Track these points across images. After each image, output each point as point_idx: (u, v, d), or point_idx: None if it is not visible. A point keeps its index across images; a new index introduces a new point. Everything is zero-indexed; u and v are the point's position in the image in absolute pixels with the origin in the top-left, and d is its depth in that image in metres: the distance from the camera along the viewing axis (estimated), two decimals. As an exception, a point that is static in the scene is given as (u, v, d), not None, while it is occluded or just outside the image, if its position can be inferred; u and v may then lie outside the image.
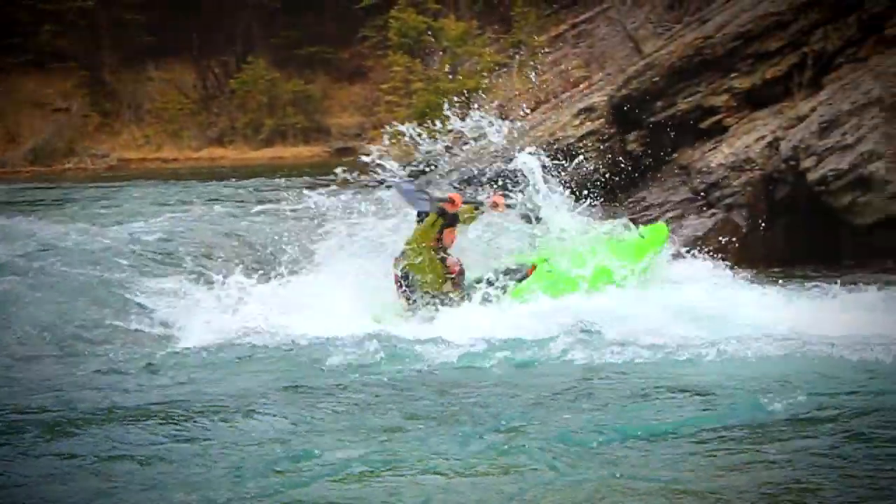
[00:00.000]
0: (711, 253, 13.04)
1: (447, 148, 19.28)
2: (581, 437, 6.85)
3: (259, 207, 16.66)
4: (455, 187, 11.44)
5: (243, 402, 7.79)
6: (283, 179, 22.53)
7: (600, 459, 6.46)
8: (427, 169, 18.19)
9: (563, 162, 14.81)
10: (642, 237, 12.21)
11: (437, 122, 14.01)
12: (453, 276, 11.25)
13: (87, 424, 7.32)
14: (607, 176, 16.07)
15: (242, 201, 18.82)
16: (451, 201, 11.13)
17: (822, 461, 6.34)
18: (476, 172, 16.93)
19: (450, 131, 19.54)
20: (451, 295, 11.16)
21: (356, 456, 6.60)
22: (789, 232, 14.44)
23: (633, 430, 6.94)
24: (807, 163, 13.69)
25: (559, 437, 6.84)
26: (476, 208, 11.80)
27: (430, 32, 26.27)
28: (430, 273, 11.09)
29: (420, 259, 11.05)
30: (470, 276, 11.53)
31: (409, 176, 18.91)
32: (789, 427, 6.99)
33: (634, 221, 14.84)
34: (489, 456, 6.57)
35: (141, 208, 18.47)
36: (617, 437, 6.80)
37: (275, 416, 7.50)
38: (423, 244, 11.07)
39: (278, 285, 12.06)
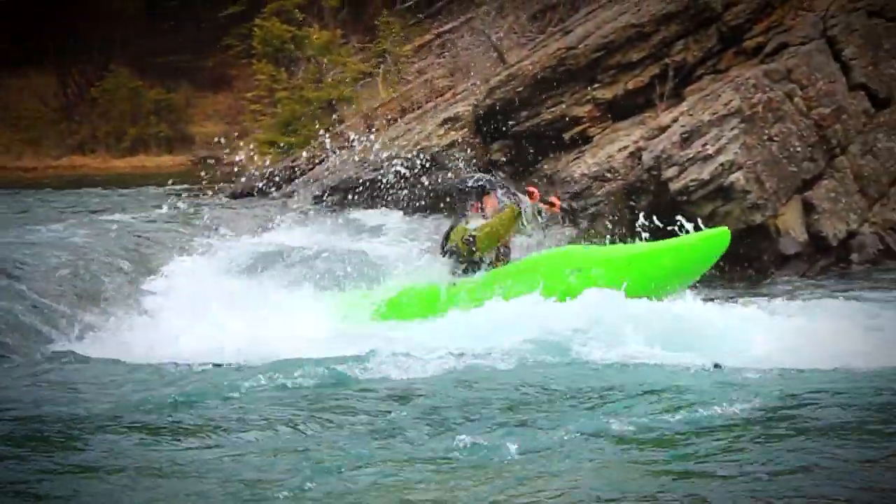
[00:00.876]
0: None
1: (310, 158, 19.26)
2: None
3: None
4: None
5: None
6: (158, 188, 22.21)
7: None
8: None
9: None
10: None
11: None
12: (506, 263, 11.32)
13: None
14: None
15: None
16: (531, 194, 11.13)
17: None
18: (339, 182, 16.88)
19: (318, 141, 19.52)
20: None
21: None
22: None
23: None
24: (668, 173, 13.86)
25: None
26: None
27: (294, 41, 26.03)
28: (492, 258, 11.20)
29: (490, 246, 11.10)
30: None
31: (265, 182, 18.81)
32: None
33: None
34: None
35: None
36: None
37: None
38: (504, 234, 11.12)
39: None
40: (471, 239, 10.90)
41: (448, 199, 15.81)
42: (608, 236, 12.78)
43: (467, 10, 21.52)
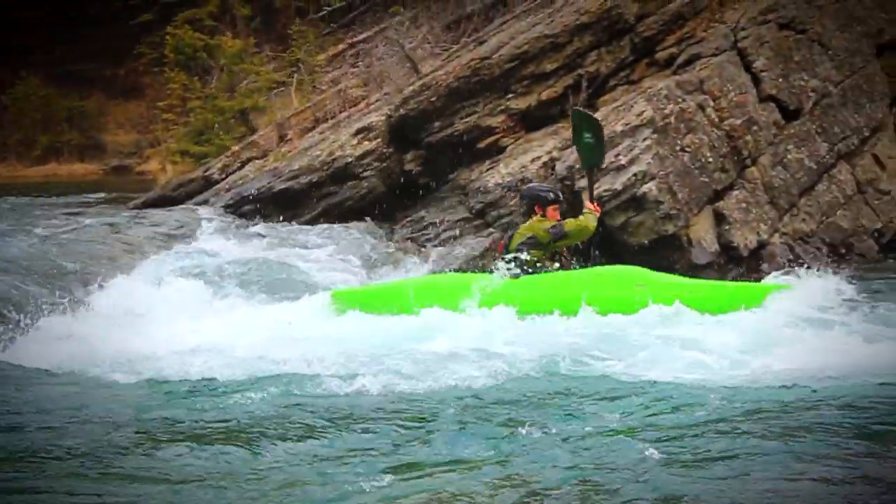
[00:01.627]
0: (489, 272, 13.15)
1: (224, 167, 19.11)
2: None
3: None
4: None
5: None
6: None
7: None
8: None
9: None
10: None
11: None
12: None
13: None
14: (385, 195, 16.10)
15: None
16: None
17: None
18: (253, 191, 16.76)
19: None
20: None
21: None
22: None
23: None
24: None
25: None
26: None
27: (206, 50, 25.84)
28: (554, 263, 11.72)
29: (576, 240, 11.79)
30: None
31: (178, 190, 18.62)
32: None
33: (413, 241, 14.93)
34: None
35: None
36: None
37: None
38: (588, 234, 11.73)
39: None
40: (558, 227, 11.47)
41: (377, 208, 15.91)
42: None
43: (381, 20, 21.47)
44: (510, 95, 15.64)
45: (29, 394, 8.66)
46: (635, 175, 13.56)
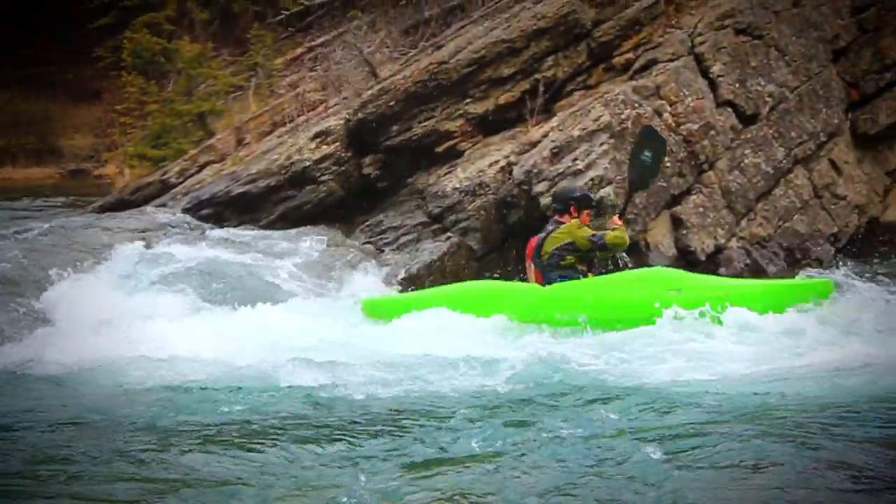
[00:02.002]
0: (445, 277, 13.16)
1: (181, 171, 19.00)
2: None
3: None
4: None
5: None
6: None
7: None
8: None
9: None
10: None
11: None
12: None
13: None
14: (344, 199, 16.05)
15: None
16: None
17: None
18: (210, 196, 16.66)
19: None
20: None
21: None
22: (523, 255, 14.60)
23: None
24: (539, 187, 13.89)
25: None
26: None
27: (164, 54, 25.71)
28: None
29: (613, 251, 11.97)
30: None
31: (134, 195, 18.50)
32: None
33: (371, 245, 14.88)
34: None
35: None
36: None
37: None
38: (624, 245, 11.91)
39: None
40: (599, 237, 11.62)
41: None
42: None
43: (339, 24, 21.42)
44: (468, 100, 15.62)
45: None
46: (592, 180, 13.58)
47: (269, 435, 7.49)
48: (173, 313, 11.55)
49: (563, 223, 11.90)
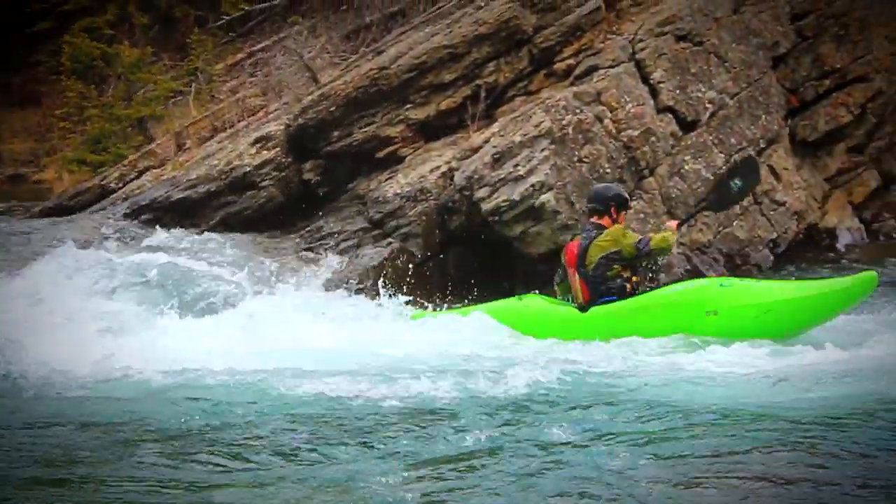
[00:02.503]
0: (385, 284, 13.11)
1: (121, 176, 18.83)
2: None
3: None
4: None
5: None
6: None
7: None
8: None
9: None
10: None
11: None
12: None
13: None
14: (284, 205, 15.98)
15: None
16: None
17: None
18: (149, 201, 16.53)
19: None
20: None
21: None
22: (464, 261, 14.61)
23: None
24: (480, 193, 13.88)
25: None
26: None
27: (104, 58, 25.46)
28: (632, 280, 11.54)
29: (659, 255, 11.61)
30: None
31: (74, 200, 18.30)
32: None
33: (311, 250, 14.81)
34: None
35: None
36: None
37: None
38: (668, 250, 11.59)
39: None
40: (644, 244, 11.17)
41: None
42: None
43: (280, 29, 21.33)
44: (409, 105, 15.59)
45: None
46: (533, 185, 13.59)
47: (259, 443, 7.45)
48: (109, 319, 11.45)
49: (604, 226, 11.43)
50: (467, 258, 14.61)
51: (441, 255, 14.65)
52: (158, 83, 23.75)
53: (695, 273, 14.60)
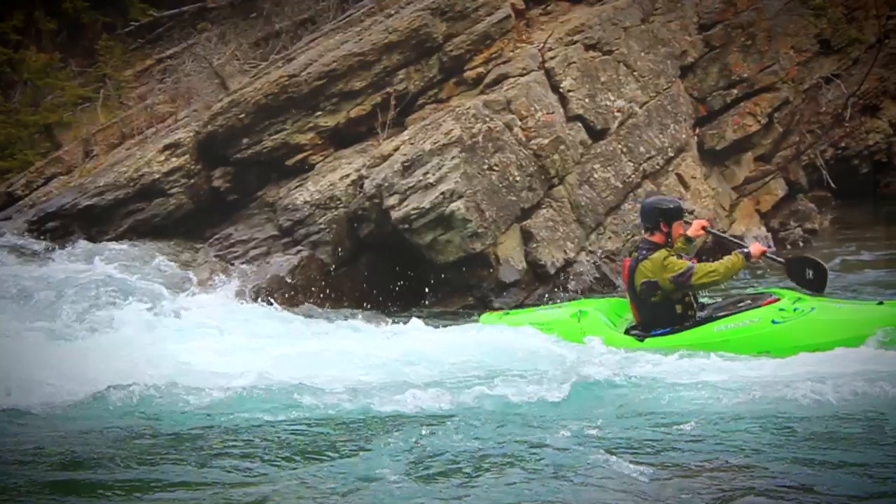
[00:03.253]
0: (295, 291, 13.05)
1: (27, 183, 18.56)
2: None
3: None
4: None
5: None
6: None
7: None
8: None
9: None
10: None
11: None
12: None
13: None
14: (193, 212, 15.85)
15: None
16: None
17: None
18: (57, 208, 16.31)
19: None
20: None
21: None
22: (375, 268, 14.59)
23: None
24: (390, 201, 13.87)
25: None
26: None
27: (10, 64, 25.07)
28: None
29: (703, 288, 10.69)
30: None
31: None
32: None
33: (221, 258, 14.71)
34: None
35: None
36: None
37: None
38: (721, 282, 10.63)
39: None
40: (685, 278, 10.22)
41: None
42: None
43: (189, 36, 21.12)
44: (319, 113, 15.53)
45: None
46: (443, 193, 13.59)
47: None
48: (10, 330, 11.23)
49: (656, 244, 10.49)
50: (378, 266, 14.59)
51: (352, 263, 14.62)
52: (66, 89, 23.42)
53: (604, 282, 14.69)
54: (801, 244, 17.90)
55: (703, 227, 11.04)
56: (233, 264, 14.72)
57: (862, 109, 20.58)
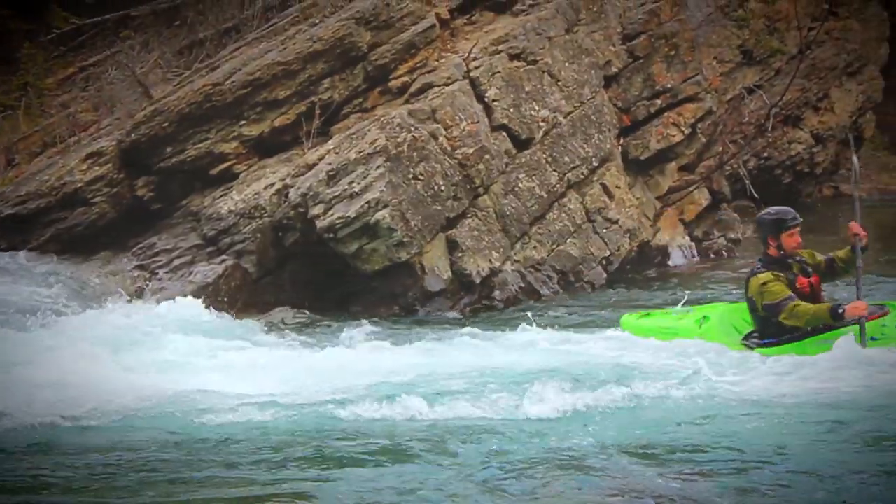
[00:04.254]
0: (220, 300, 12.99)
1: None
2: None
3: None
4: None
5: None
6: None
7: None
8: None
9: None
10: None
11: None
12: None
13: None
14: (116, 221, 15.73)
15: None
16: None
17: None
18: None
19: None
20: None
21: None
22: (300, 277, 14.54)
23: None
24: (315, 210, 13.83)
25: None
26: None
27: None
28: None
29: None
30: None
31: None
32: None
33: (144, 268, 14.61)
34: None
35: None
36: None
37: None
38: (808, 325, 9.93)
39: None
40: (779, 310, 9.79)
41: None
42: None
43: (112, 44, 20.90)
44: (243, 122, 15.46)
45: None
46: (368, 203, 13.58)
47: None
48: None
49: (769, 256, 10.08)
50: (304, 274, 14.54)
51: (277, 272, 14.56)
52: (-13, 97, 23.17)
53: (528, 290, 14.74)
54: (724, 253, 18.06)
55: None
56: (156, 274, 14.63)
57: (784, 120, 20.85)
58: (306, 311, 13.99)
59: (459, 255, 14.27)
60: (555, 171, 15.48)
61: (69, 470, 7.25)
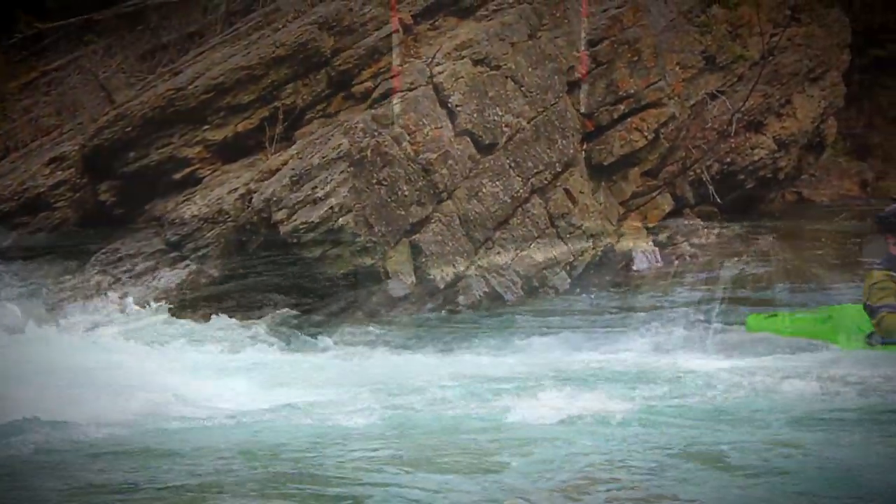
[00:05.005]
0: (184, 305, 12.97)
1: None
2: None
3: None
4: None
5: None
6: None
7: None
8: None
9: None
10: None
11: None
12: None
13: None
14: (79, 226, 15.70)
15: None
16: None
17: None
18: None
19: None
20: None
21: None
22: (264, 283, 14.50)
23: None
24: (279, 215, 13.83)
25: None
26: None
27: None
28: None
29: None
30: None
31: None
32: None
33: (107, 273, 14.56)
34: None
35: None
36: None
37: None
38: None
39: None
40: (874, 312, 9.61)
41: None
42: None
43: (75, 48, 20.87)
44: (206, 126, 15.45)
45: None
46: (332, 208, 13.59)
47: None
48: None
49: (891, 255, 9.74)
50: (268, 279, 14.50)
51: (241, 277, 14.53)
52: (-52, 102, 23.07)
53: (493, 296, 14.77)
54: (687, 259, 18.11)
55: None
56: (120, 279, 14.58)
57: (747, 125, 20.85)
58: (270, 317, 13.96)
59: (423, 260, 14.28)
60: (518, 176, 15.50)
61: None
